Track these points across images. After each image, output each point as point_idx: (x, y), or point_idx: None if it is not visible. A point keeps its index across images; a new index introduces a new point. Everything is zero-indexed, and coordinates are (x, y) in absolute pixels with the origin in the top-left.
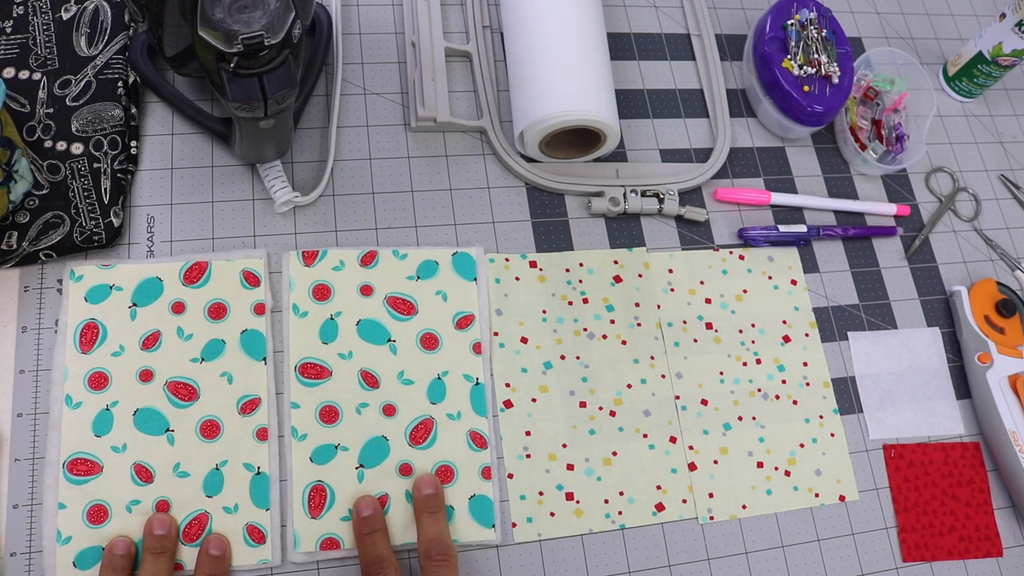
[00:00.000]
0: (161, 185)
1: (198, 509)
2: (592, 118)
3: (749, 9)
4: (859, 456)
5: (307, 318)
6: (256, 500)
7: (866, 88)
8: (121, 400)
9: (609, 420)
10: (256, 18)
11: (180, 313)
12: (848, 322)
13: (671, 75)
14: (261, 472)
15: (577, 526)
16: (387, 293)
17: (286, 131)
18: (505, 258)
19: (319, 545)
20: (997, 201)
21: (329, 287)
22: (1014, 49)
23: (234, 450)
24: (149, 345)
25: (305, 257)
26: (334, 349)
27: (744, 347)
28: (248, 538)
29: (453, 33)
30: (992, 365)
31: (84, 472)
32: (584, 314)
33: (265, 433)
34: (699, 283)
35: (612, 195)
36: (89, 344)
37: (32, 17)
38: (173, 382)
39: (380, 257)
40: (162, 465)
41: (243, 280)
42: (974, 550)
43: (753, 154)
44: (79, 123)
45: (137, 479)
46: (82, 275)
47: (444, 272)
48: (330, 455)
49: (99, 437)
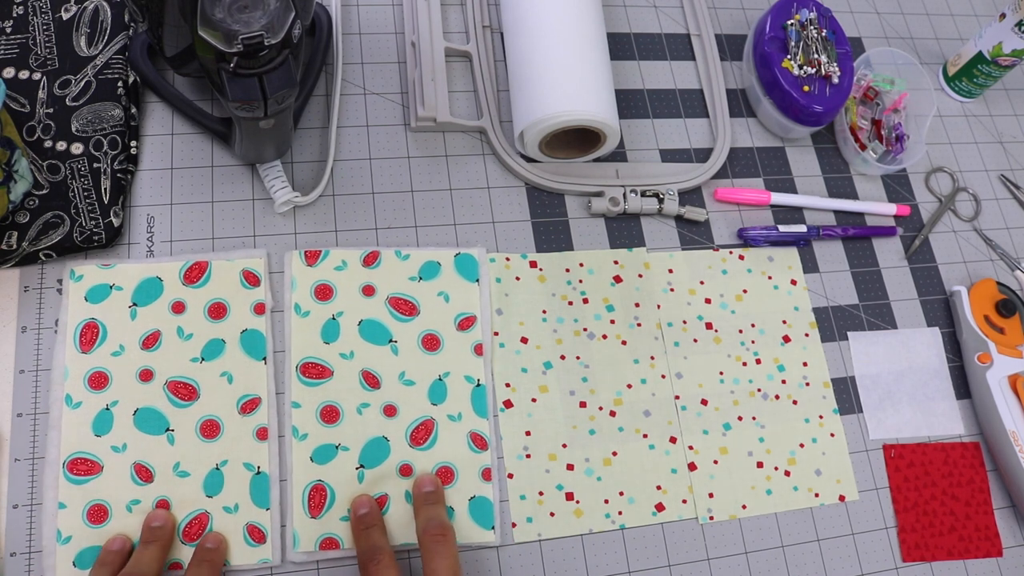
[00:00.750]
0: (161, 185)
1: (198, 509)
2: (592, 118)
3: (749, 9)
4: (859, 456)
5: (309, 318)
6: (256, 500)
7: (866, 88)
8: (121, 400)
9: (609, 420)
10: (256, 18)
11: (180, 313)
12: (848, 322)
13: (671, 75)
14: (261, 472)
15: (577, 526)
16: (389, 293)
17: (286, 131)
18: (506, 258)
19: (318, 545)
20: (997, 201)
21: (331, 287)
22: (1014, 49)
23: (234, 450)
24: (149, 345)
25: (307, 257)
26: (335, 349)
27: (744, 347)
28: (248, 538)
29: (453, 33)
30: (992, 365)
31: (84, 472)
32: (584, 314)
33: (265, 433)
34: (699, 283)
35: (612, 195)
36: (89, 344)
37: (32, 17)
38: (173, 382)
39: (382, 257)
40: (162, 465)
41: (243, 280)
42: (974, 550)
43: (753, 154)
44: (79, 123)
45: (137, 479)
46: (82, 275)
47: (446, 273)
48: (331, 455)
49: (99, 437)
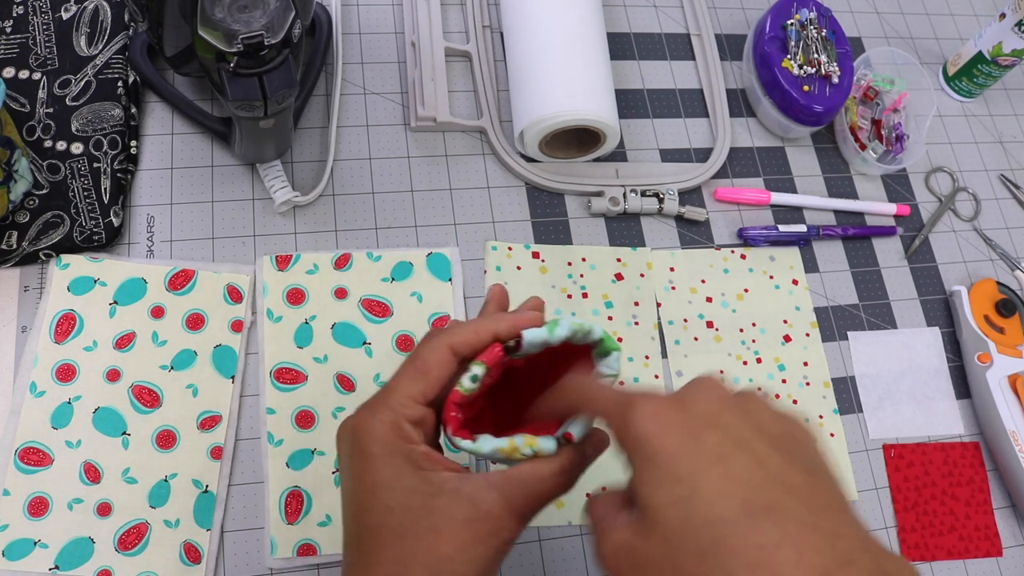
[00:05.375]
0: (161, 185)
1: (139, 518)
2: (592, 118)
3: (749, 9)
4: (859, 456)
5: (281, 323)
6: (199, 519)
7: (866, 88)
8: (84, 396)
9: None
10: (256, 18)
11: (159, 318)
12: (848, 322)
13: (671, 75)
14: (208, 491)
15: (557, 517)
16: (362, 296)
17: (286, 131)
18: (508, 246)
19: (296, 551)
20: (997, 201)
21: (303, 291)
22: (1014, 49)
23: (186, 464)
24: (122, 345)
25: (279, 261)
26: (309, 353)
27: (744, 346)
28: (184, 556)
29: (453, 33)
30: (992, 365)
31: (35, 463)
32: (582, 308)
33: (220, 452)
34: (700, 282)
35: (612, 195)
36: (64, 335)
37: (32, 17)
38: (138, 386)
39: (354, 259)
40: (112, 468)
41: (226, 295)
42: (974, 550)
43: (753, 154)
44: (79, 123)
45: (85, 478)
46: (68, 263)
47: (419, 273)
48: (307, 460)
49: (56, 430)
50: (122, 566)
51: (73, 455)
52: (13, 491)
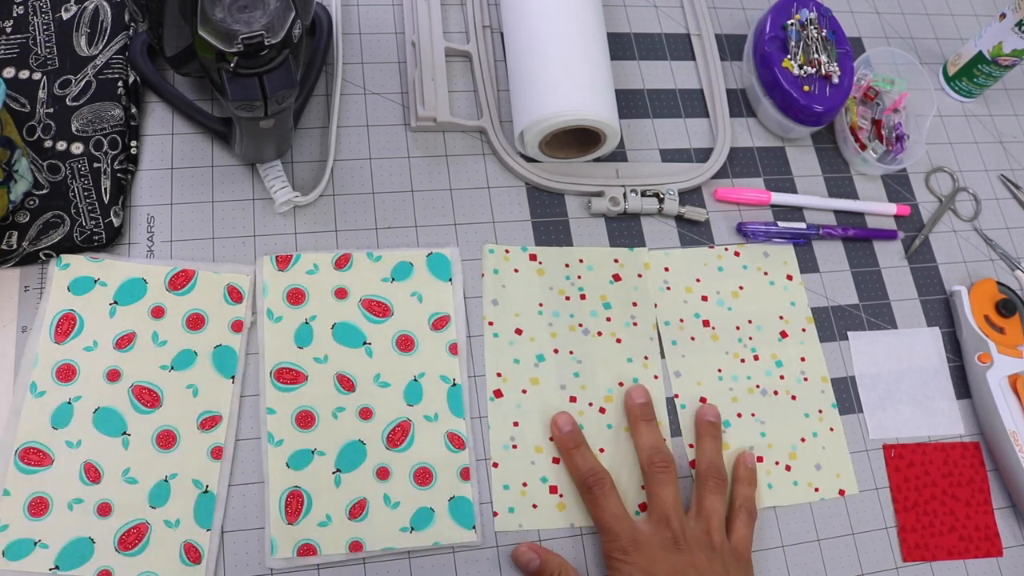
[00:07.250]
0: (161, 185)
1: (139, 518)
2: (592, 118)
3: (749, 9)
4: (859, 456)
5: (282, 323)
6: (199, 519)
7: (866, 88)
8: (84, 396)
9: (598, 416)
10: (256, 18)
11: (159, 318)
12: (848, 322)
13: (671, 75)
14: (209, 491)
15: (559, 519)
16: (362, 296)
17: (286, 131)
18: (505, 249)
19: (296, 551)
20: (997, 201)
21: (303, 291)
22: (1014, 49)
23: (186, 464)
24: (122, 345)
25: (279, 261)
26: (309, 353)
27: (741, 344)
28: (184, 556)
29: (453, 33)
30: (992, 365)
31: (35, 463)
32: (580, 310)
33: (220, 452)
34: (695, 280)
35: (612, 195)
36: (64, 335)
37: (32, 17)
38: (138, 386)
39: (354, 259)
40: (112, 468)
41: (227, 295)
42: (974, 550)
43: (753, 154)
44: (79, 123)
45: (85, 478)
46: (68, 263)
47: (419, 273)
48: (307, 460)
49: (56, 430)
50: (122, 566)
51: (73, 455)
52: (13, 491)
